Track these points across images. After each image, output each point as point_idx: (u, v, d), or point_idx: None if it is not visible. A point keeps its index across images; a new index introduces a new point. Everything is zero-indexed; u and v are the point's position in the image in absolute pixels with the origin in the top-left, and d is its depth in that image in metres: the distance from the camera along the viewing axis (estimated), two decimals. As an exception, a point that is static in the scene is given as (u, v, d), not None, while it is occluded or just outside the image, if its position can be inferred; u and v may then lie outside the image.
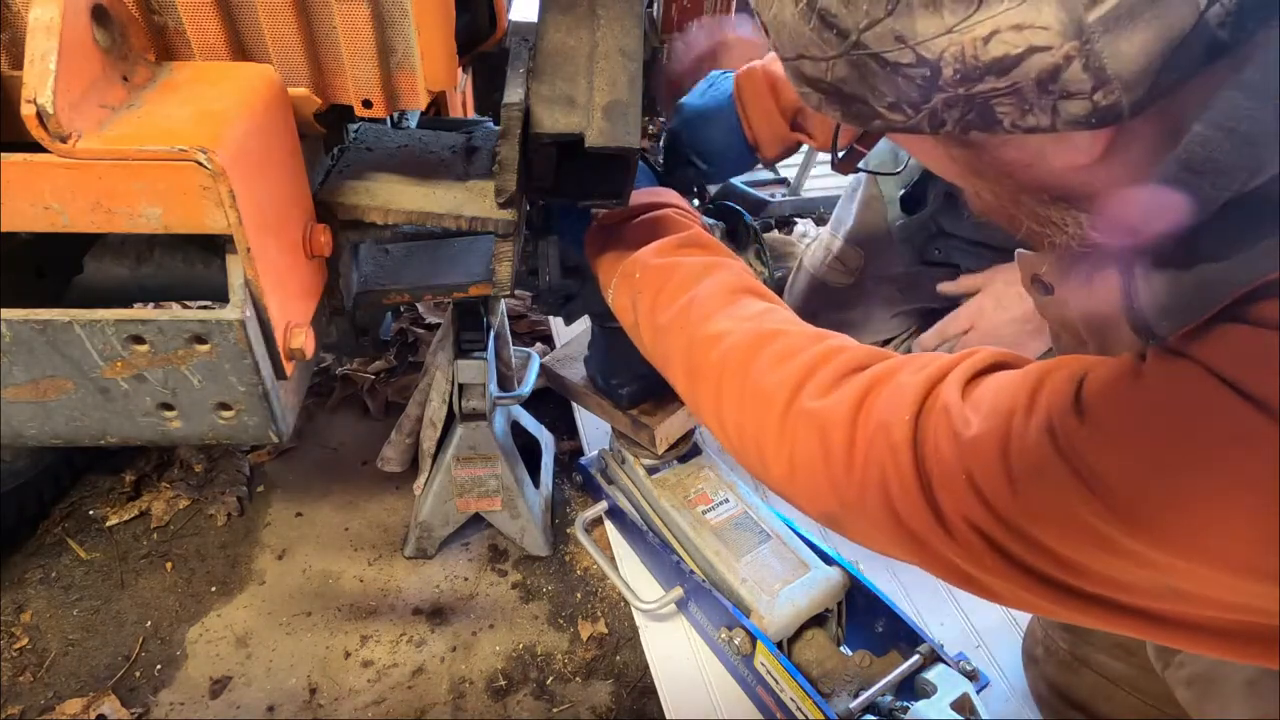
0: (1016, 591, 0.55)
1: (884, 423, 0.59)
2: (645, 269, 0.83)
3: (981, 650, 1.17)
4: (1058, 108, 0.43)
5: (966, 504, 0.53)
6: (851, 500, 0.62)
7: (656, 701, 1.11)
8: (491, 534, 1.35)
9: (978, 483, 0.53)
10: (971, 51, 0.42)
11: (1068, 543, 0.50)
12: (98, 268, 0.83)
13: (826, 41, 0.47)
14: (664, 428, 1.18)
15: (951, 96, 0.44)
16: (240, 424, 0.70)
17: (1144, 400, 0.48)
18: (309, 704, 1.12)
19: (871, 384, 0.62)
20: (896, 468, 0.58)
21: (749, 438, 0.70)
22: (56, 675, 1.14)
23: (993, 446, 0.52)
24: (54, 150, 0.57)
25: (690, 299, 0.78)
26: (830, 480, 0.63)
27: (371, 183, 0.82)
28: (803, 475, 0.65)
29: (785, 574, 1.09)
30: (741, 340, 0.72)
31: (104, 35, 0.61)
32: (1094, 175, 0.48)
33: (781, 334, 0.72)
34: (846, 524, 0.65)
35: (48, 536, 1.32)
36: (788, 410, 0.66)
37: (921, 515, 0.56)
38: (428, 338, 1.73)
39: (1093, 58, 0.40)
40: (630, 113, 0.75)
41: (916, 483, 0.56)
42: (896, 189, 1.39)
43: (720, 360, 0.73)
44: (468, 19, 0.84)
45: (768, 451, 0.68)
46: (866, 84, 0.47)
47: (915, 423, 0.58)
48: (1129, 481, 0.47)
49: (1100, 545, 0.49)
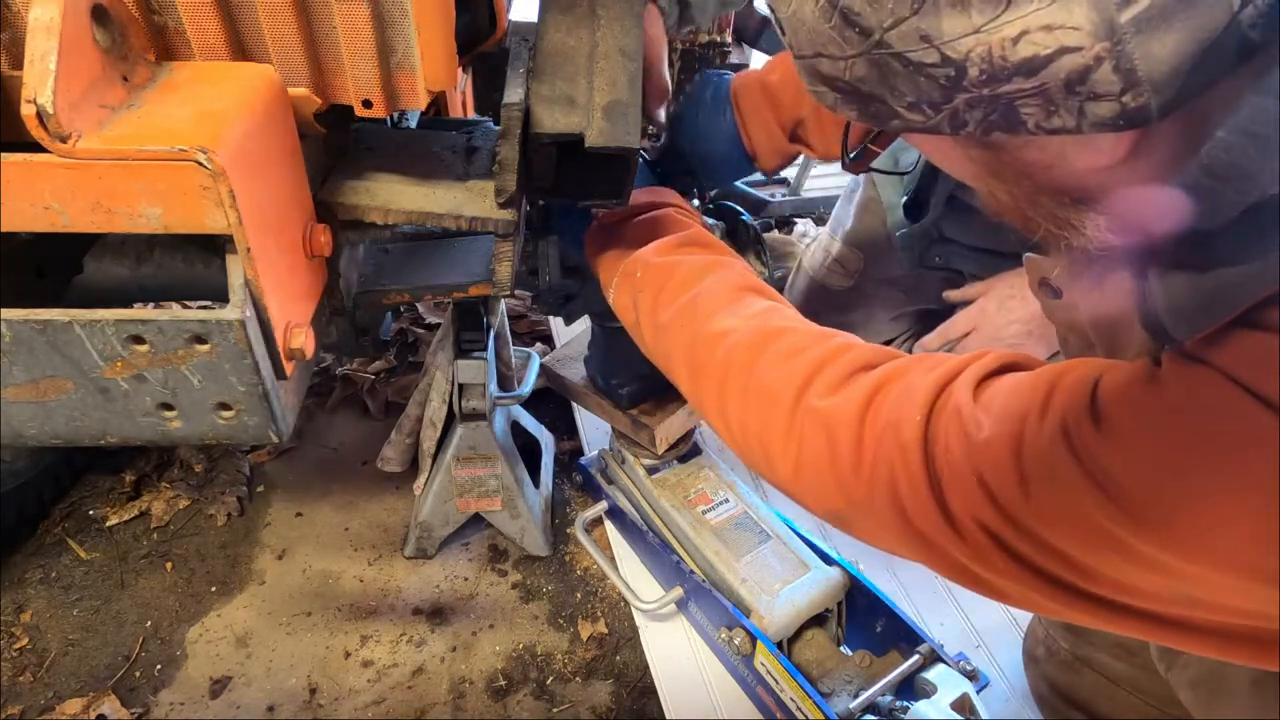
0: (1025, 592, 0.55)
1: (893, 422, 0.59)
2: (646, 267, 0.82)
3: (981, 650, 1.17)
4: (1084, 109, 0.42)
5: (977, 505, 0.53)
6: (859, 499, 0.62)
7: (656, 701, 1.11)
8: (491, 534, 1.35)
9: (989, 484, 0.53)
10: (999, 52, 0.42)
11: (1079, 545, 0.50)
12: (98, 268, 0.83)
13: (847, 40, 0.46)
14: (664, 428, 1.18)
15: (975, 97, 0.44)
16: (240, 424, 0.70)
17: (1160, 404, 0.47)
18: (309, 704, 1.12)
19: (881, 383, 0.62)
20: (906, 467, 0.58)
21: (753, 435, 0.70)
22: (56, 675, 1.14)
23: (1005, 449, 0.52)
24: (54, 150, 0.57)
25: (693, 296, 0.78)
26: (837, 479, 0.63)
27: (371, 183, 0.82)
28: (809, 474, 0.65)
29: (785, 574, 1.09)
30: (746, 337, 0.72)
31: (104, 35, 0.61)
32: (1115, 177, 0.48)
33: (787, 331, 0.72)
34: (853, 522, 0.65)
35: (48, 536, 1.32)
36: (794, 408, 0.66)
37: (930, 515, 0.56)
38: (428, 338, 1.73)
39: (1124, 59, 0.40)
40: (630, 113, 0.75)
41: (926, 483, 0.56)
42: (898, 195, 1.39)
43: (725, 357, 0.72)
44: (468, 19, 0.85)
45: (773, 449, 0.68)
46: (886, 83, 0.47)
47: (926, 423, 0.58)
48: (1143, 485, 0.47)
49: (1112, 548, 0.49)
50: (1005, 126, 0.45)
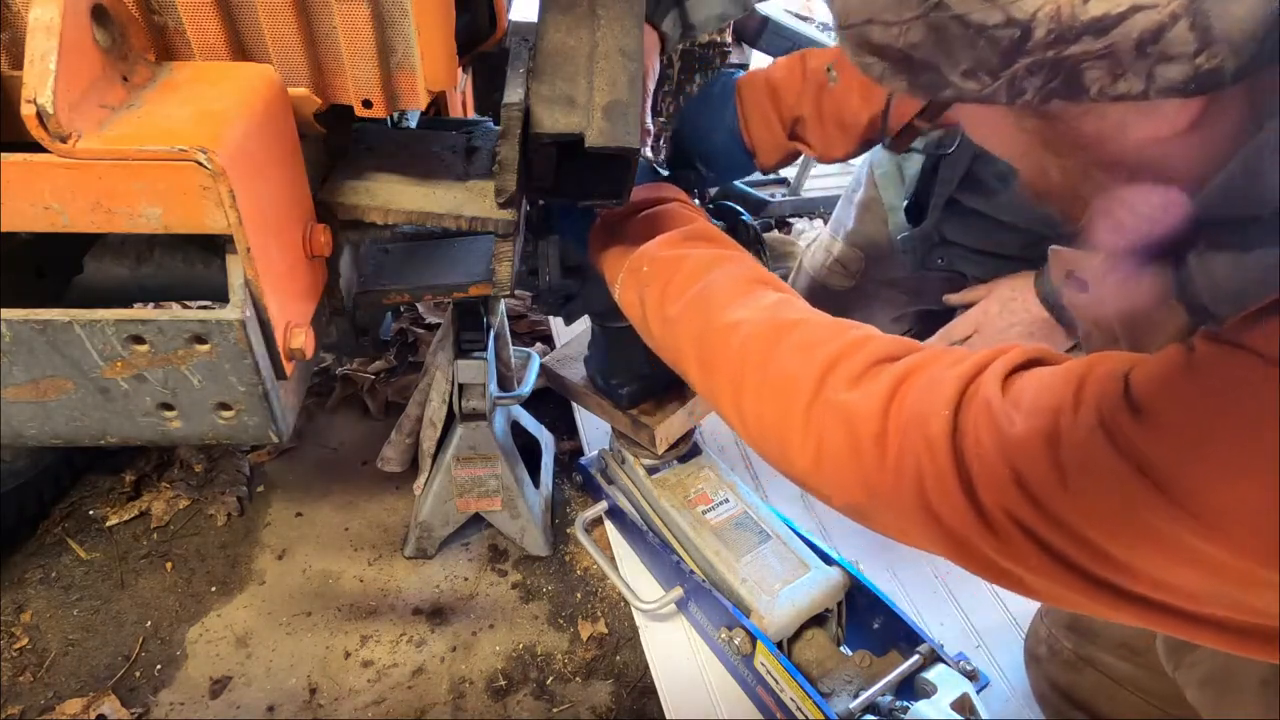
0: (1056, 588, 0.54)
1: (919, 415, 0.58)
2: (653, 262, 0.82)
3: (981, 650, 1.17)
4: (1154, 73, 0.41)
5: (1012, 500, 0.52)
6: (882, 493, 0.61)
7: (656, 701, 1.11)
8: (491, 534, 1.35)
9: (1025, 480, 0.52)
10: (1069, 10, 0.40)
11: (1119, 540, 0.49)
12: (98, 268, 0.83)
13: (904, 3, 0.45)
14: (664, 428, 1.18)
15: (1037, 61, 0.43)
16: (240, 424, 0.70)
17: (1198, 389, 0.47)
18: (309, 704, 1.12)
19: (903, 376, 0.61)
20: (933, 462, 0.56)
21: (769, 428, 0.69)
22: (56, 675, 1.14)
23: (1040, 443, 0.51)
24: (54, 150, 0.57)
25: (702, 289, 0.77)
26: (859, 473, 0.62)
27: (371, 183, 0.82)
28: (829, 467, 0.64)
29: (785, 574, 1.09)
30: (760, 329, 0.71)
31: (104, 35, 0.61)
32: (1173, 150, 0.47)
33: (802, 323, 0.71)
34: (873, 515, 0.64)
35: (48, 536, 1.32)
36: (813, 401, 0.65)
37: (960, 510, 0.55)
38: (428, 338, 1.73)
39: (1200, 17, 0.38)
40: (630, 113, 0.75)
41: (956, 478, 0.55)
42: (900, 197, 1.39)
43: (739, 349, 0.71)
44: (468, 19, 0.85)
45: (791, 442, 0.67)
46: (942, 49, 0.45)
47: (954, 417, 0.56)
48: (1185, 471, 0.46)
49: (1153, 542, 0.48)
50: (1066, 93, 0.43)
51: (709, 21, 1.06)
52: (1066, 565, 0.52)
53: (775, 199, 2.19)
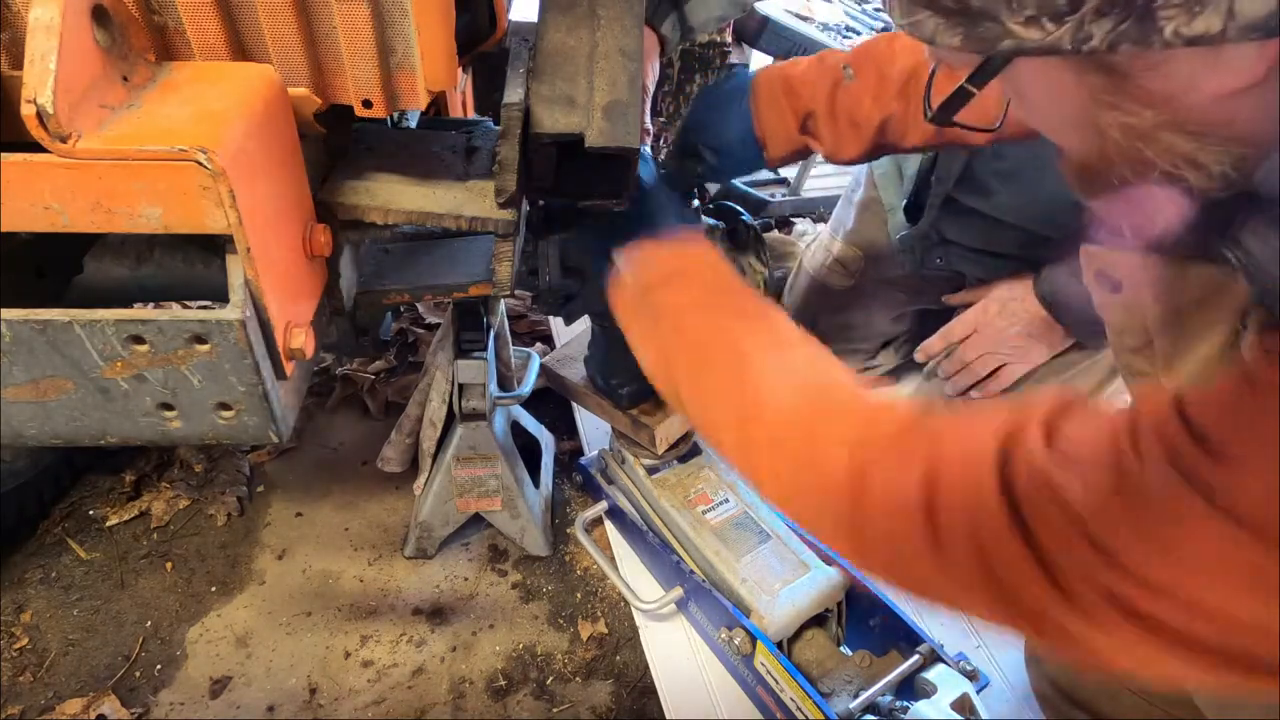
0: (1142, 653, 0.48)
1: (970, 506, 0.52)
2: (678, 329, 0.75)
3: (981, 650, 1.17)
4: (1235, 8, 0.38)
5: (1097, 571, 0.47)
6: (944, 573, 0.55)
7: (656, 701, 1.11)
8: (491, 534, 1.35)
9: (1106, 548, 0.47)
10: None
11: (1217, 589, 0.44)
12: (98, 268, 0.83)
13: None
14: (664, 428, 1.18)
15: (1107, 1, 0.40)
16: (240, 424, 0.70)
17: (1265, 408, 0.43)
18: (309, 704, 1.12)
19: (933, 461, 0.55)
20: (1002, 551, 0.51)
21: (809, 518, 0.65)
22: (56, 675, 1.14)
23: (1113, 504, 0.47)
24: (54, 150, 0.57)
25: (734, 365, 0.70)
26: (909, 559, 0.57)
27: (371, 183, 0.82)
28: (880, 553, 0.60)
29: (785, 574, 1.09)
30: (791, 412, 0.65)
31: (104, 35, 0.61)
32: (1242, 106, 0.44)
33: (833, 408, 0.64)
34: (930, 594, 0.59)
35: (48, 536, 1.32)
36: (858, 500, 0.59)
37: (1039, 592, 0.50)
38: (428, 338, 1.73)
39: None
40: (630, 113, 0.75)
41: (1031, 561, 0.49)
42: (899, 197, 1.39)
43: (770, 439, 0.66)
44: (468, 19, 0.85)
45: (839, 536, 0.62)
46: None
47: (1006, 498, 0.50)
48: (1273, 500, 0.42)
49: (1253, 583, 0.43)
50: (1138, 36, 0.40)
51: (708, 23, 1.07)
52: (1155, 628, 0.47)
53: (775, 199, 2.19)
